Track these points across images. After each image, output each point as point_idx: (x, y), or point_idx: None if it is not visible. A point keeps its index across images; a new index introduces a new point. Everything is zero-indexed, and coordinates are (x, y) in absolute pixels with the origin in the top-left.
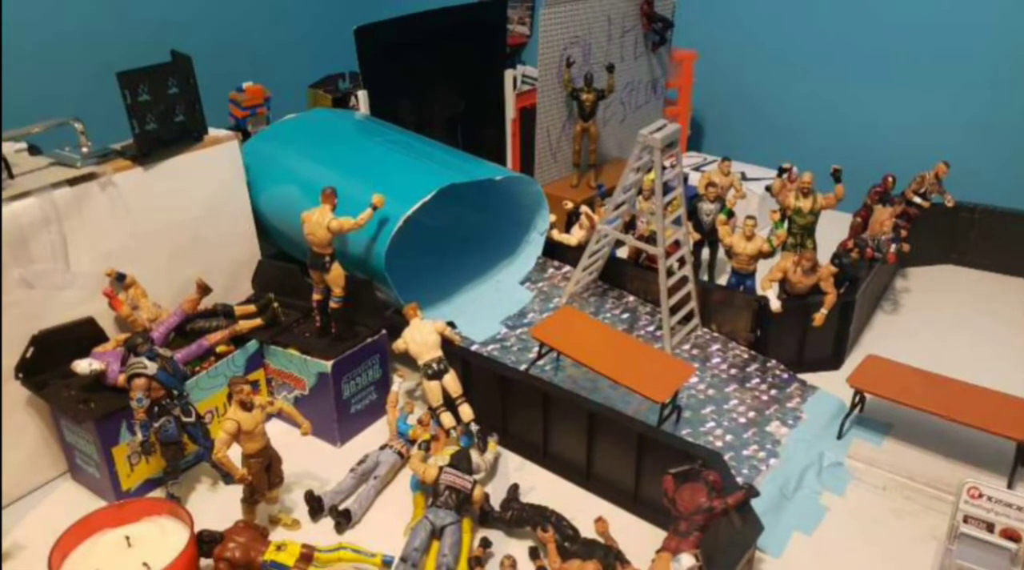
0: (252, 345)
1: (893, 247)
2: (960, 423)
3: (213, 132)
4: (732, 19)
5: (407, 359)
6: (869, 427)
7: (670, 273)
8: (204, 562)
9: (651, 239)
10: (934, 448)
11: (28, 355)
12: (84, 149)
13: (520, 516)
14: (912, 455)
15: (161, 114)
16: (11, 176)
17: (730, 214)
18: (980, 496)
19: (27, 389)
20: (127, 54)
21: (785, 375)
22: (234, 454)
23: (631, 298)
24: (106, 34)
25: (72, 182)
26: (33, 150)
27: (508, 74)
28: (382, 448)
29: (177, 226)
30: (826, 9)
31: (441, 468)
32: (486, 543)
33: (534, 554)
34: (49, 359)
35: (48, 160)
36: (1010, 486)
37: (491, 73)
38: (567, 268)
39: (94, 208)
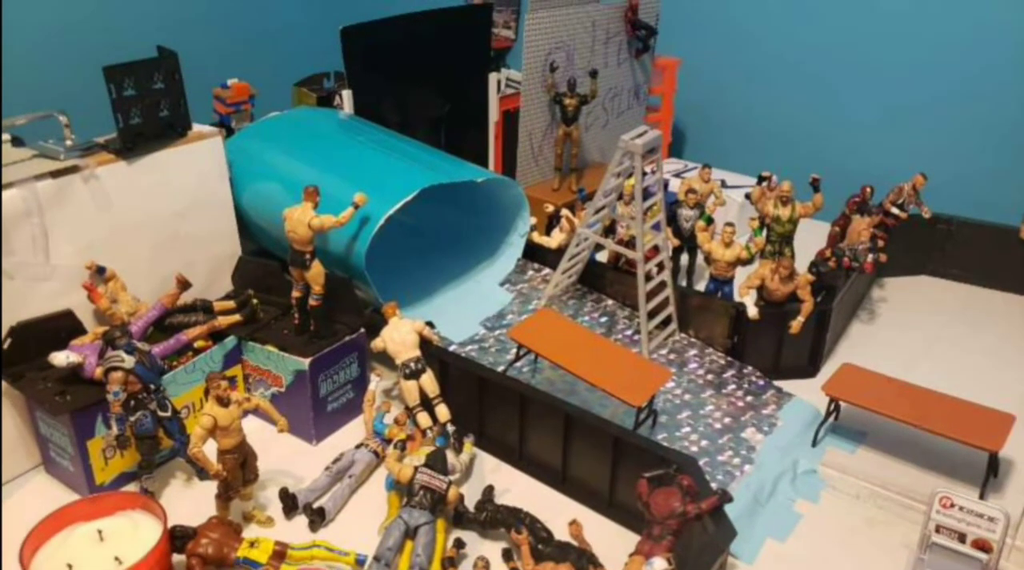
0: (230, 341)
1: (870, 257)
2: (934, 433)
3: (197, 128)
4: (715, 28)
5: (385, 358)
6: (843, 435)
7: (649, 278)
8: (177, 558)
9: (631, 244)
10: (907, 457)
11: (5, 346)
12: (68, 142)
13: (494, 517)
14: (886, 464)
15: (146, 109)
16: None
17: (709, 220)
18: (952, 506)
19: (3, 380)
20: (113, 49)
21: (761, 382)
22: (210, 450)
23: (610, 302)
24: (93, 28)
25: (55, 174)
26: (16, 142)
27: (492, 77)
28: (358, 447)
29: (159, 221)
30: (809, 20)
31: (416, 468)
32: (460, 544)
33: (507, 556)
34: (26, 351)
35: (31, 152)
36: (982, 496)
37: (475, 76)
38: (547, 271)
39: (76, 201)
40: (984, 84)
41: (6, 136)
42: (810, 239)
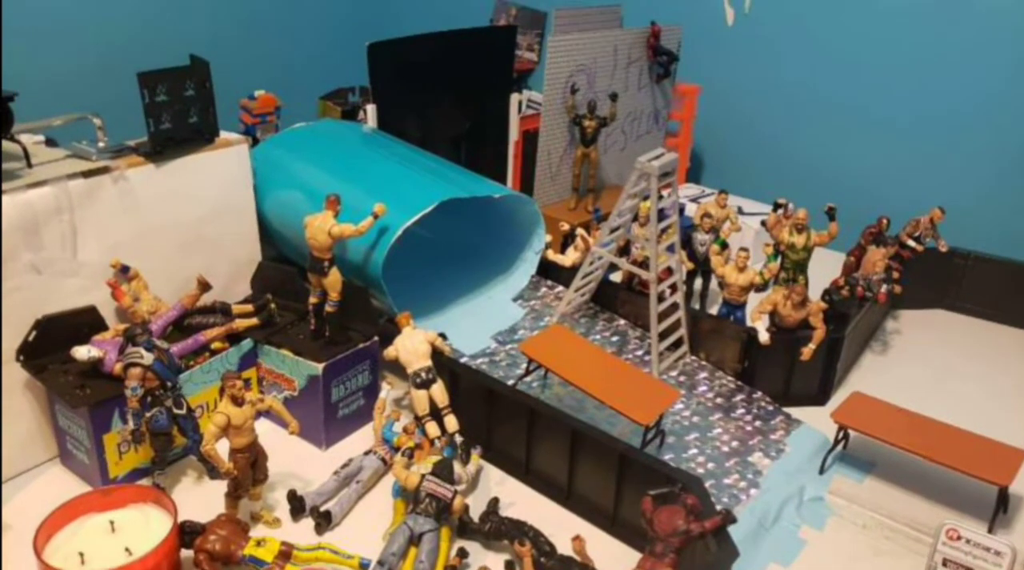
0: (246, 343)
1: (884, 287)
2: (943, 465)
3: (224, 135)
4: (736, 56)
5: (396, 367)
6: (852, 464)
7: (661, 299)
8: (185, 553)
9: (645, 264)
10: (916, 489)
11: (30, 339)
12: (101, 143)
13: (498, 529)
14: (893, 494)
15: (176, 115)
16: (29, 165)
17: (724, 245)
18: (959, 539)
19: (26, 372)
20: (148, 56)
21: (770, 407)
22: (222, 449)
23: (622, 321)
24: (129, 36)
25: (87, 174)
26: (49, 143)
27: (514, 98)
28: (366, 453)
29: (183, 223)
30: (829, 51)
31: (423, 476)
32: (463, 553)
33: (510, 567)
34: (50, 344)
35: (65, 152)
36: (991, 531)
37: (497, 96)
38: (560, 288)
39: (105, 201)
40: (1006, 120)
41: (40, 137)
42: (825, 268)
